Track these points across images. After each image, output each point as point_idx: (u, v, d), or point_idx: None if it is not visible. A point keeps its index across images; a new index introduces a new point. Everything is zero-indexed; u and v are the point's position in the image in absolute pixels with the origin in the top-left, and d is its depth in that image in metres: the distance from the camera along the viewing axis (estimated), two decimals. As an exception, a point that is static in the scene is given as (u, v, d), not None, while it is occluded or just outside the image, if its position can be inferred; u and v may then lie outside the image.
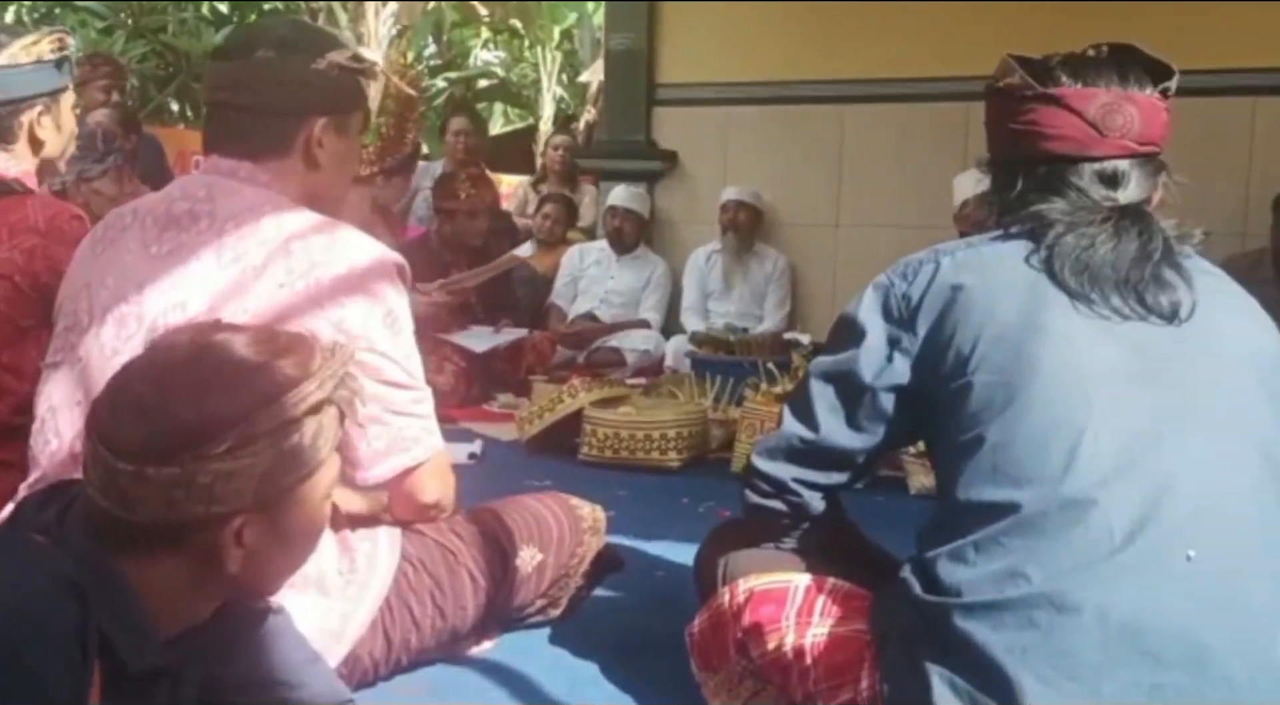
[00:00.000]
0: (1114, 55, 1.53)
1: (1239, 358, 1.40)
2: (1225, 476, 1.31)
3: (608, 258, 5.60)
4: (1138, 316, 1.38)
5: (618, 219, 5.54)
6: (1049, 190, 1.47)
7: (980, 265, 1.46)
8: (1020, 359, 1.36)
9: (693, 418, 3.48)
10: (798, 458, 1.56)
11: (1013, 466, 1.32)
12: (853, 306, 1.55)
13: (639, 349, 5.29)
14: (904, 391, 1.48)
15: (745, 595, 1.58)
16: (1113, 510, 1.26)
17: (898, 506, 2.81)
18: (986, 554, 1.30)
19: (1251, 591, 1.26)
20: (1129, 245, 1.40)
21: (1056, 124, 1.47)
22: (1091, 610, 1.23)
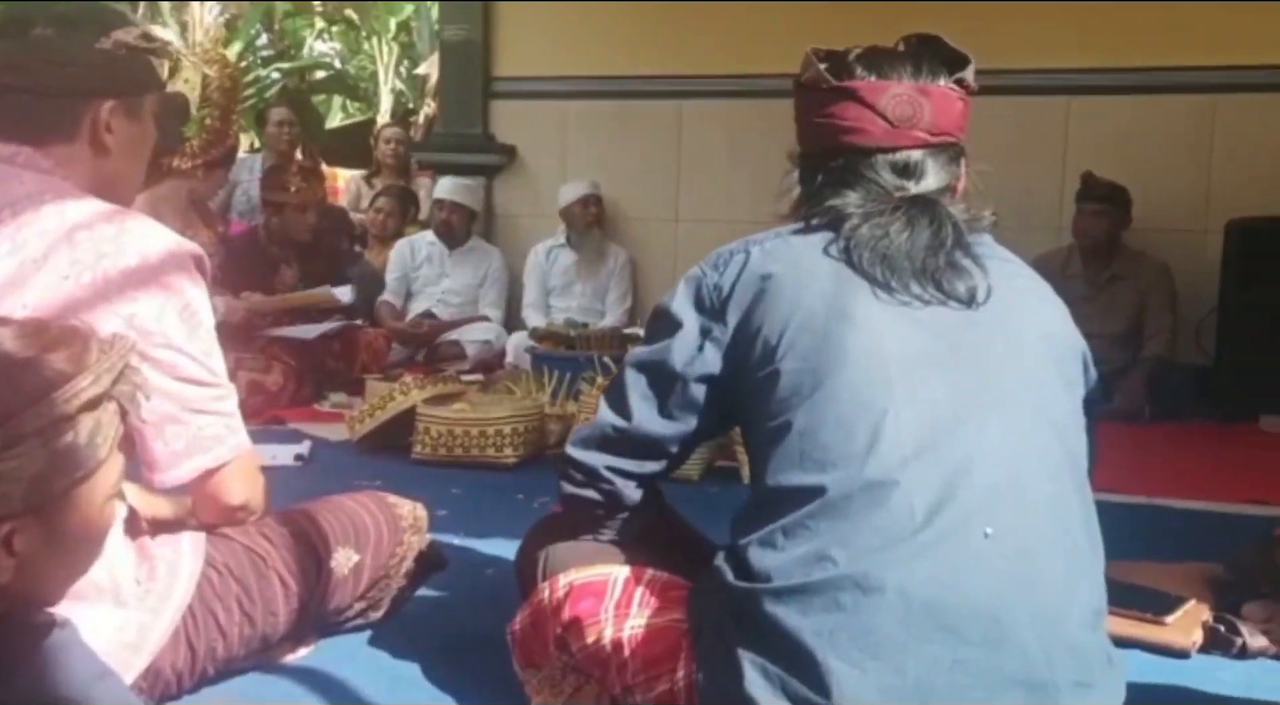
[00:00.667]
0: (914, 48, 1.56)
1: (1033, 340, 1.44)
2: (1020, 455, 1.34)
3: (439, 253, 5.50)
4: (937, 302, 1.41)
5: (445, 211, 5.45)
6: (845, 182, 1.49)
7: (789, 255, 1.47)
8: (826, 346, 1.38)
9: (529, 414, 3.45)
10: (610, 446, 1.55)
11: (819, 451, 1.33)
12: (667, 298, 1.55)
13: (479, 341, 5.23)
14: (715, 380, 1.49)
15: (565, 589, 1.56)
16: (914, 490, 1.28)
17: (732, 496, 2.82)
18: (795, 538, 1.31)
19: (1046, 566, 1.30)
20: (921, 234, 1.43)
21: (851, 117, 1.48)
22: (894, 589, 1.25)
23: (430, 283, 5.48)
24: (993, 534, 1.28)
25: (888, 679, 1.22)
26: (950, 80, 1.52)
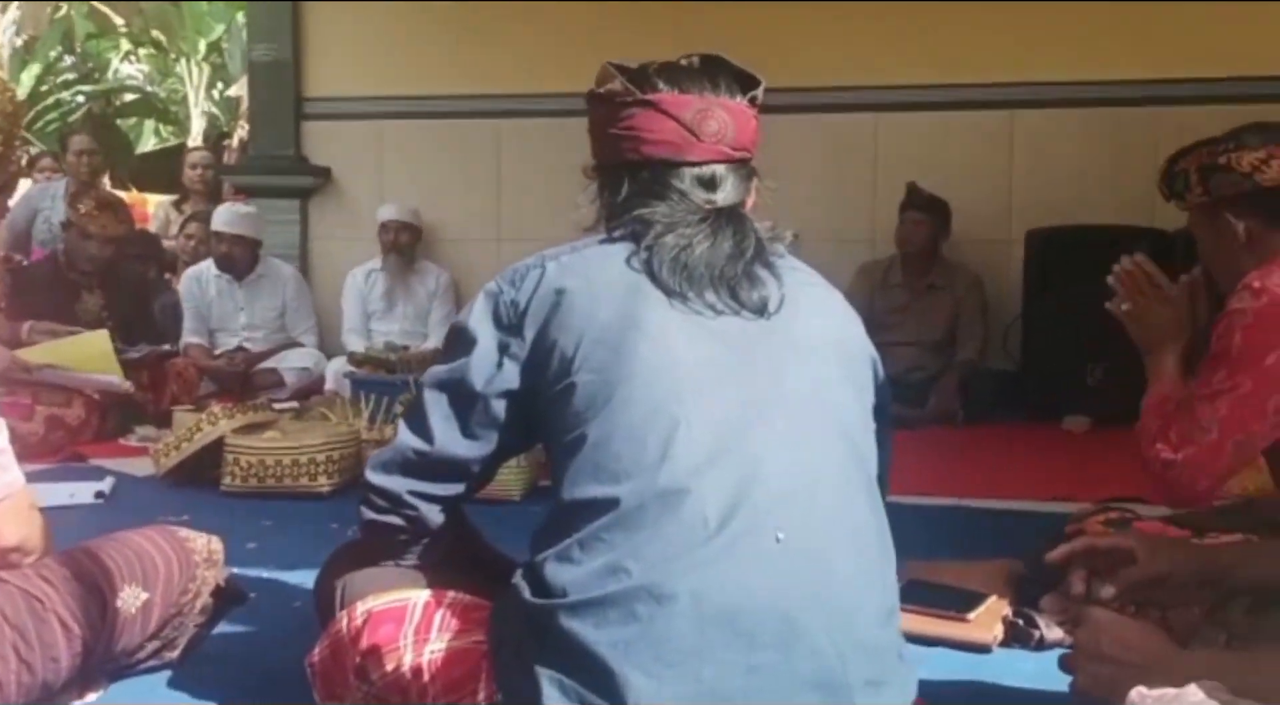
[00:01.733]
0: (705, 65, 1.57)
1: (823, 346, 1.46)
2: (810, 459, 1.36)
3: (227, 284, 5.25)
4: (731, 311, 1.42)
5: (225, 244, 5.16)
6: (651, 194, 1.49)
7: (584, 268, 1.46)
8: (619, 357, 1.37)
9: (344, 440, 3.35)
10: (413, 470, 1.51)
11: (613, 462, 1.32)
12: (464, 315, 1.53)
13: (298, 368, 5.08)
14: (515, 396, 1.46)
15: (363, 617, 1.51)
16: (706, 497, 1.28)
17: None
18: (590, 551, 1.29)
19: (836, 568, 1.32)
20: (724, 244, 1.44)
21: (655, 128, 1.49)
22: (687, 597, 1.24)
23: (228, 318, 5.24)
24: (784, 538, 1.29)
25: (683, 686, 1.22)
26: (744, 98, 1.54)
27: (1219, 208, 1.96)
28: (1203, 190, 1.97)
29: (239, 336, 5.23)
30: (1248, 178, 1.92)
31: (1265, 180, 1.90)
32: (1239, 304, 1.85)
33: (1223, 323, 1.87)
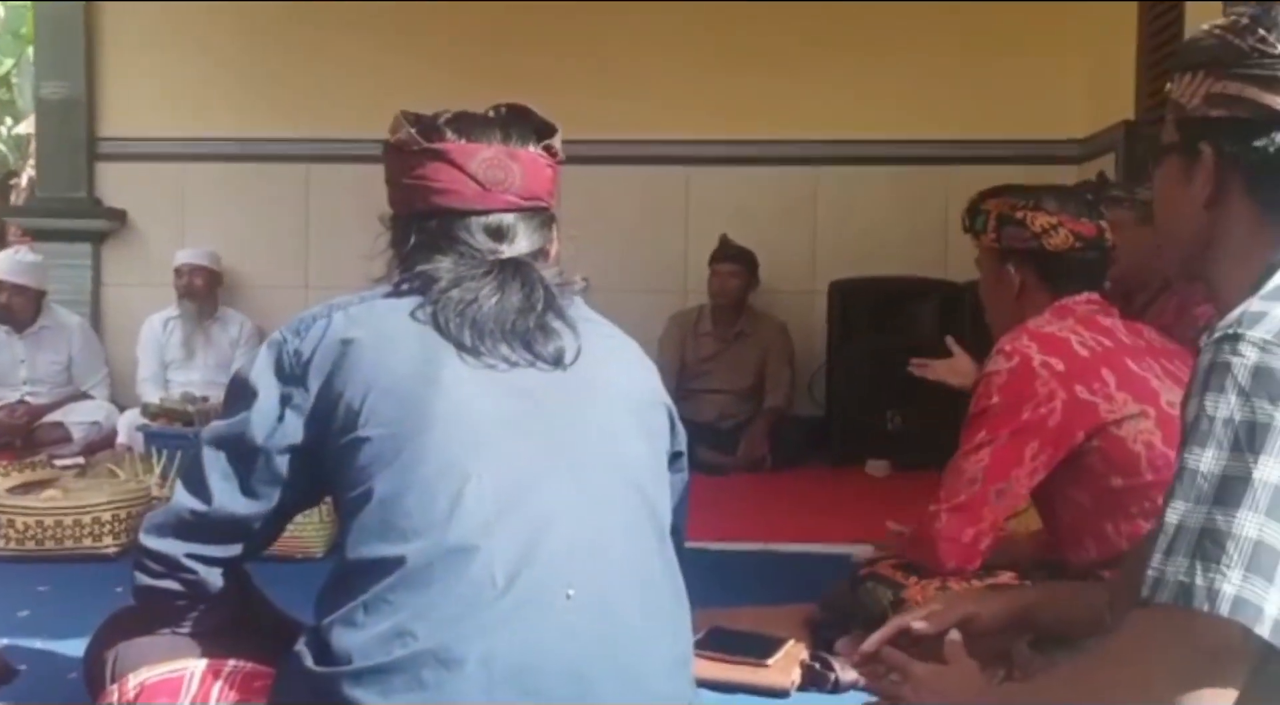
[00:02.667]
0: (504, 115, 1.57)
1: (616, 396, 1.47)
2: (601, 512, 1.35)
3: (5, 337, 4.97)
4: (525, 363, 1.41)
5: (4, 294, 4.90)
6: (438, 246, 1.47)
7: (372, 319, 1.43)
8: (409, 411, 1.34)
9: (133, 498, 3.18)
10: (190, 532, 1.44)
11: (402, 519, 1.29)
12: (245, 365, 1.48)
13: (86, 421, 4.83)
14: (298, 451, 1.41)
15: (135, 690, 1.43)
16: (495, 555, 1.26)
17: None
18: (376, 614, 1.25)
19: (626, 622, 1.31)
20: (512, 297, 1.43)
21: (443, 179, 1.47)
22: (476, 660, 1.22)
23: (8, 371, 4.93)
24: (574, 594, 1.28)
25: (471, 753, 1.19)
26: (539, 147, 1.54)
27: (1005, 256, 2.13)
28: (995, 236, 2.14)
29: (20, 390, 4.92)
30: (1036, 238, 2.10)
31: (1049, 244, 2.09)
32: (994, 367, 2.02)
33: (980, 385, 2.03)
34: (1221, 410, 1.01)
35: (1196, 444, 1.02)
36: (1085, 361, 1.99)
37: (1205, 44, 1.19)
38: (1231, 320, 1.05)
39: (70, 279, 5.39)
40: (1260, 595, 0.96)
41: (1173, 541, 1.00)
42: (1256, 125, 1.13)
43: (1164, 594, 0.99)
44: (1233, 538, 0.97)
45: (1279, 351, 1.01)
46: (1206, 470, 1.00)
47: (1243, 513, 0.98)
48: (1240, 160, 1.15)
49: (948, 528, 2.03)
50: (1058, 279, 2.11)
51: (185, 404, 4.44)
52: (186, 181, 5.51)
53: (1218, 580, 0.97)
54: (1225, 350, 1.03)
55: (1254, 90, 1.13)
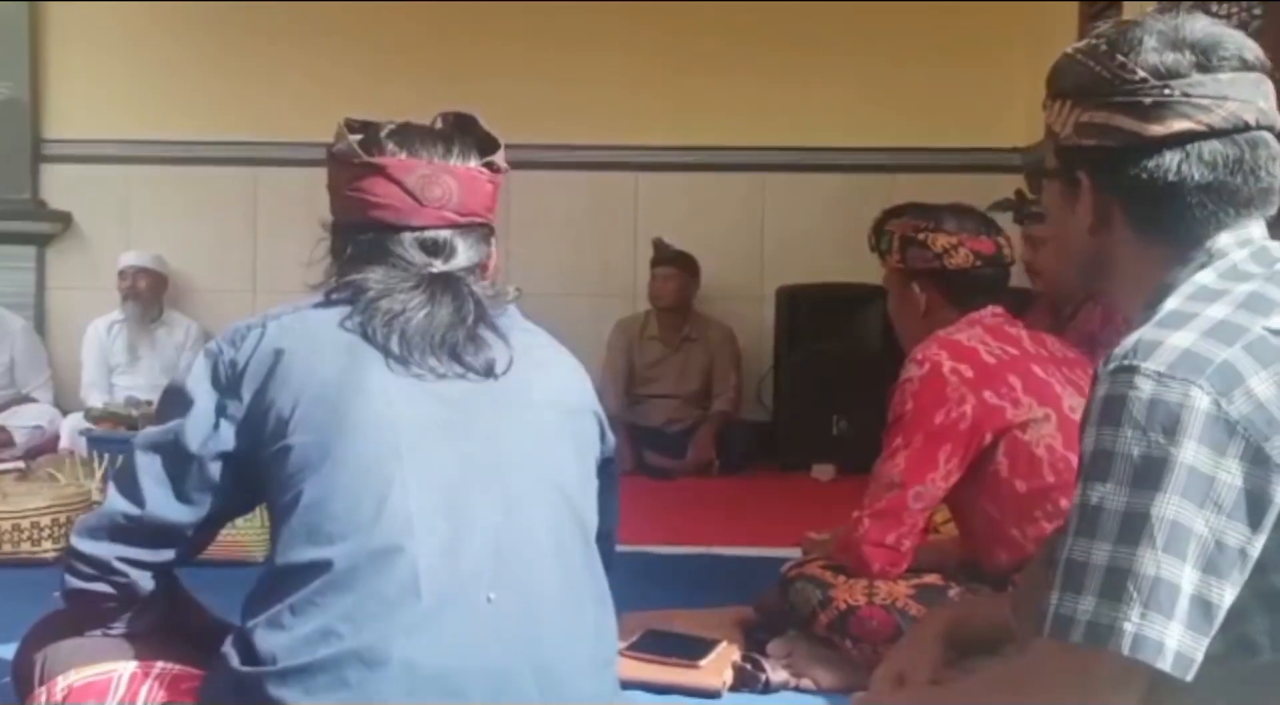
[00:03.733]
0: (450, 126, 1.59)
1: (545, 406, 1.50)
2: (525, 517, 1.39)
3: None
4: (455, 374, 1.43)
5: None
6: (372, 257, 1.49)
7: (303, 329, 1.46)
8: (336, 418, 1.37)
9: (73, 502, 3.16)
10: (122, 535, 1.46)
11: (328, 523, 1.32)
12: (182, 374, 1.50)
13: (29, 425, 4.79)
14: (231, 458, 1.43)
15: (63, 692, 1.45)
16: (419, 558, 1.29)
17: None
18: (303, 616, 1.28)
19: (548, 624, 1.35)
20: (442, 310, 1.45)
21: (380, 193, 1.49)
22: (399, 661, 1.25)
23: None
24: (495, 598, 1.31)
25: (391, 753, 1.22)
26: (480, 162, 1.56)
27: (910, 276, 2.20)
28: (899, 258, 2.20)
29: (-46, 392, 4.88)
30: (938, 258, 2.17)
31: (951, 264, 2.16)
32: (907, 375, 2.10)
33: (896, 393, 2.10)
34: (1119, 445, 1.01)
35: (1097, 479, 1.02)
36: (993, 368, 2.06)
37: (1070, 71, 1.18)
38: (1126, 349, 1.04)
39: (14, 282, 5.34)
40: (1159, 631, 0.97)
41: (1078, 579, 1.01)
42: (1127, 153, 1.12)
43: (1074, 632, 1.00)
44: (1133, 576, 0.98)
45: (1173, 384, 1.00)
46: (1107, 507, 1.00)
47: (1142, 550, 0.98)
48: (1117, 187, 1.14)
49: (871, 532, 2.08)
50: (961, 295, 2.19)
51: (129, 408, 4.41)
52: (132, 184, 5.47)
53: (1120, 619, 0.97)
54: (1121, 381, 1.02)
55: (1121, 118, 1.12)
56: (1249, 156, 1.11)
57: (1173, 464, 0.99)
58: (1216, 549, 0.99)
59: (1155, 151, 1.11)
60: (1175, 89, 1.10)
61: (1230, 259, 1.12)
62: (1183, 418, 0.99)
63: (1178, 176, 1.11)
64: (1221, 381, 1.00)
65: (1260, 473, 0.99)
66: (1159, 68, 1.11)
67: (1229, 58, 1.12)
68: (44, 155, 5.44)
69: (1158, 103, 1.11)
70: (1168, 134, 1.11)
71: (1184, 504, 0.98)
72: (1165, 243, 1.14)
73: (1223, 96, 1.10)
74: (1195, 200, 1.12)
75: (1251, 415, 1.00)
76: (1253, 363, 1.01)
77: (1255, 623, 1.04)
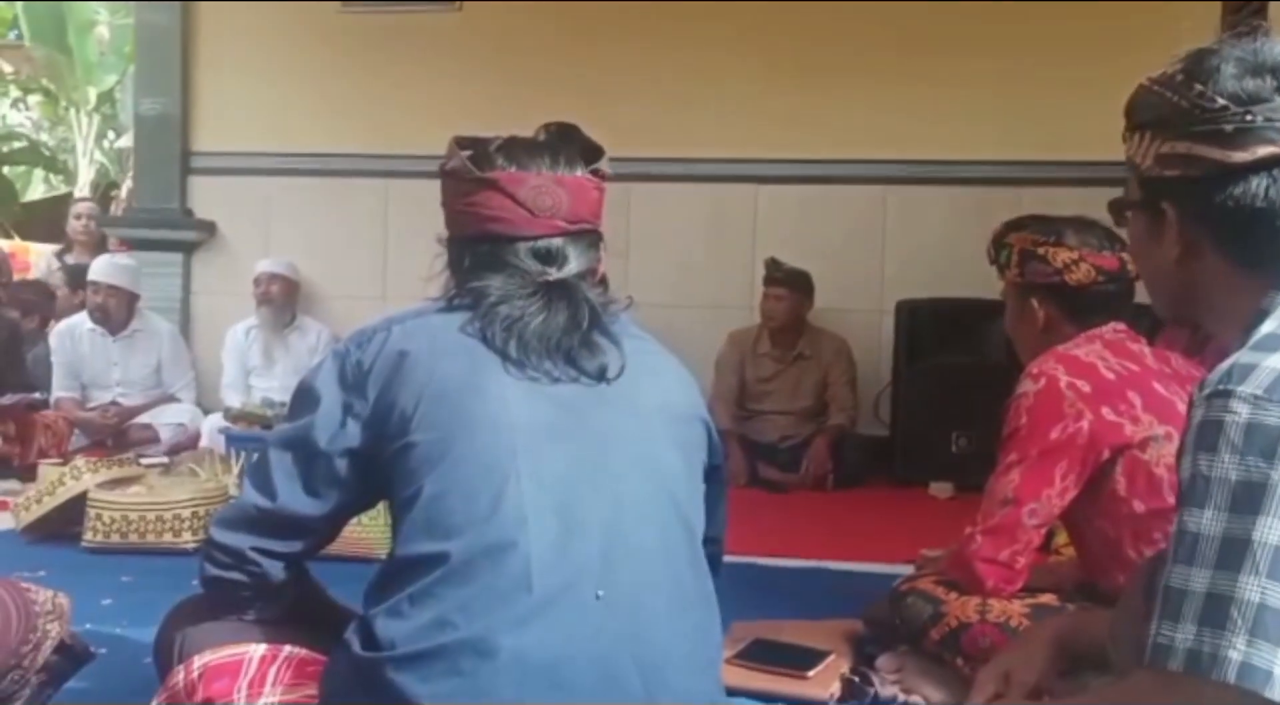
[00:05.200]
0: (554, 137, 1.65)
1: (653, 410, 1.54)
2: (634, 517, 1.43)
3: (101, 338, 5.17)
4: (569, 378, 1.49)
5: (101, 295, 5.10)
6: (490, 266, 1.55)
7: (426, 332, 1.52)
8: (456, 417, 1.43)
9: (212, 496, 3.33)
10: (256, 527, 1.54)
11: (445, 517, 1.37)
12: (311, 375, 1.57)
13: (173, 423, 5.03)
14: (356, 455, 1.50)
15: (199, 671, 1.53)
16: (531, 553, 1.34)
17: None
18: (420, 606, 1.34)
19: (653, 622, 1.38)
20: (558, 316, 1.50)
21: (493, 205, 1.55)
22: (509, 651, 1.29)
23: (102, 373, 5.14)
24: (604, 595, 1.35)
25: (501, 740, 1.27)
26: (586, 170, 1.61)
27: (1028, 290, 2.16)
28: (1019, 272, 2.17)
29: (113, 391, 5.15)
30: (1058, 273, 2.13)
31: (1071, 279, 2.12)
32: (1022, 389, 2.05)
33: (1011, 407, 2.06)
34: (1216, 470, 1.00)
35: (1195, 505, 1.01)
36: (1112, 384, 2.02)
37: (1148, 103, 1.18)
38: (1221, 374, 1.03)
39: (162, 287, 5.62)
40: (1267, 659, 0.95)
41: (1176, 607, 1.00)
42: (1212, 182, 1.12)
43: (1172, 661, 0.99)
44: (1236, 602, 0.97)
45: (1271, 407, 0.99)
46: (1205, 533, 1.00)
47: (1244, 577, 0.97)
48: (1204, 217, 1.14)
49: (984, 548, 2.06)
50: (1081, 312, 2.14)
51: (265, 409, 4.61)
52: (273, 195, 5.71)
53: (1224, 647, 0.96)
54: (1217, 406, 1.02)
55: (1203, 147, 1.12)
56: None
57: (1273, 488, 0.98)
58: None
59: (1241, 178, 1.11)
60: (1257, 115, 1.10)
61: None
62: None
63: (1265, 202, 1.11)
64: None
65: None
66: (1239, 94, 1.11)
67: None
68: (192, 167, 5.72)
69: (1240, 129, 1.10)
70: (1253, 160, 1.10)
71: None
72: (1258, 269, 1.14)
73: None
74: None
75: None
76: None
77: None
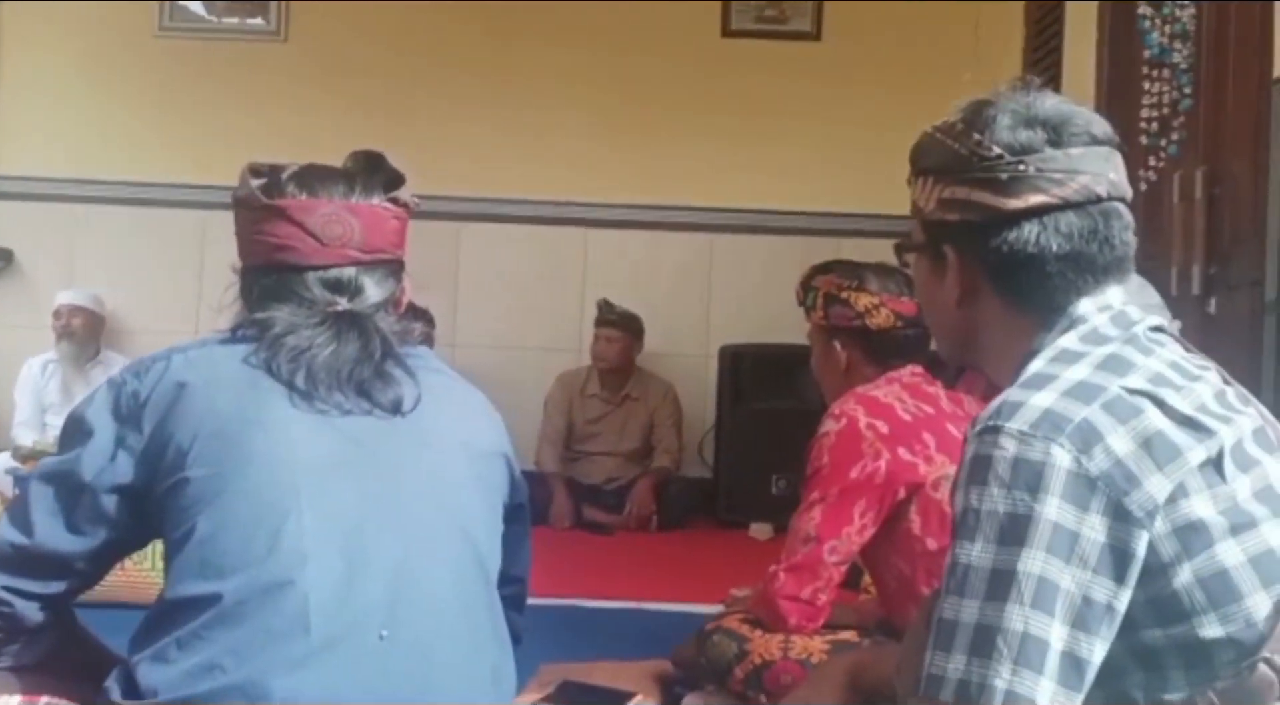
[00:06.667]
0: (354, 164, 1.60)
1: (453, 444, 1.49)
2: (424, 557, 1.38)
3: None
4: (360, 411, 1.43)
5: None
6: (278, 296, 1.50)
7: (208, 363, 1.46)
8: (234, 451, 1.36)
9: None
10: (10, 565, 1.43)
11: (219, 557, 1.30)
12: (84, 405, 1.48)
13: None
14: (126, 491, 1.41)
15: (-58, 726, 1.40)
16: (310, 592, 1.28)
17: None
18: (189, 650, 1.26)
19: (444, 664, 1.34)
20: (348, 346, 1.44)
21: (283, 234, 1.50)
22: (282, 696, 1.23)
23: None
24: (388, 635, 1.30)
25: (268, 793, 1.19)
26: (385, 198, 1.57)
27: (832, 333, 2.22)
28: (823, 314, 2.22)
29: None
30: (860, 316, 2.19)
31: (872, 323, 2.19)
32: (824, 429, 2.11)
33: (813, 447, 2.11)
34: (985, 503, 1.02)
35: (965, 538, 1.03)
36: (908, 425, 2.08)
37: (930, 149, 1.22)
38: (992, 411, 1.06)
39: (-49, 318, 5.27)
40: (1030, 687, 0.97)
41: (948, 638, 1.01)
42: (988, 227, 1.16)
43: (944, 692, 1.00)
44: (1002, 632, 0.98)
45: (1035, 443, 1.02)
46: (975, 564, 1.01)
47: (1009, 606, 0.99)
48: (981, 260, 1.18)
49: (786, 586, 2.08)
50: (881, 354, 2.21)
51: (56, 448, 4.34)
52: (77, 223, 5.43)
53: (990, 676, 0.98)
54: (986, 442, 1.04)
55: (980, 193, 1.16)
56: (1102, 226, 1.15)
57: (1037, 520, 1.00)
58: (1084, 604, 0.99)
59: (1014, 224, 1.15)
60: (1030, 164, 1.14)
61: (1091, 323, 1.14)
62: (1045, 475, 1.01)
63: (1036, 247, 1.15)
64: (1081, 439, 1.02)
65: (1122, 527, 1.01)
66: (1013, 144, 1.15)
67: (1079, 133, 1.16)
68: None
69: (1014, 177, 1.14)
70: (1025, 207, 1.14)
71: (1050, 559, 0.99)
72: (1030, 311, 1.17)
73: (1074, 170, 1.14)
74: (1055, 269, 1.15)
75: (1111, 471, 1.01)
76: (1110, 421, 1.03)
77: (1132, 678, 1.05)
